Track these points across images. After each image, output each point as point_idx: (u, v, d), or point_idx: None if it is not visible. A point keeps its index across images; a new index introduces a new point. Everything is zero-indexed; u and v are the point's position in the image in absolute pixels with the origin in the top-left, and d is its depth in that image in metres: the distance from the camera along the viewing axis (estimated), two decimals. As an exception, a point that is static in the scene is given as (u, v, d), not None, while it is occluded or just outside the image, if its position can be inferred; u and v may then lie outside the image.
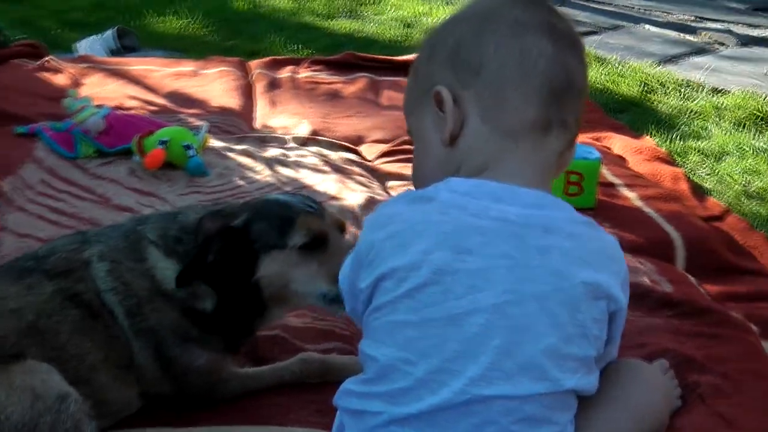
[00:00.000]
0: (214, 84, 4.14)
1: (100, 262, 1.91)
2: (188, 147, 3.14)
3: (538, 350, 1.49)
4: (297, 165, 3.26)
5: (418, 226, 1.55)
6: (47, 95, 3.82)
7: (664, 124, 3.99)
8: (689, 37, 5.44)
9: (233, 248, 1.90)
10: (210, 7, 5.41)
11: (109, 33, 4.56)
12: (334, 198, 2.97)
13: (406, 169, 3.33)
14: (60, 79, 4.06)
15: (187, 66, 4.36)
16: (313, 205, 1.99)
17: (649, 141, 3.73)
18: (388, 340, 1.58)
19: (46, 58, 4.28)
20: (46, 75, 4.11)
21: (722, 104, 4.24)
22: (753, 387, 2.13)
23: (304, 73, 4.32)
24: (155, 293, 1.93)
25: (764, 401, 2.09)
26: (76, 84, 3.98)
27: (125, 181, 3.09)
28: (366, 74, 4.33)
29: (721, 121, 4.04)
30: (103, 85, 4.00)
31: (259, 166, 3.24)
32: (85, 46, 4.47)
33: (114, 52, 4.47)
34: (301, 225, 1.92)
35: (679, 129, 3.94)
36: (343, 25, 5.37)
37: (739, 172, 3.55)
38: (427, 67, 1.65)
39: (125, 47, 4.52)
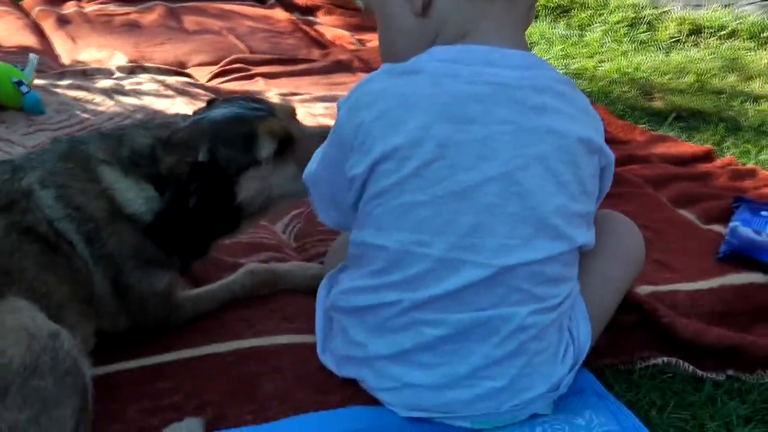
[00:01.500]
0: (-5, 24, 3.79)
1: (43, 189, 1.71)
2: (20, 83, 2.85)
3: (550, 211, 1.50)
4: (137, 93, 3.07)
5: (410, 99, 1.49)
6: None
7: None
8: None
9: (208, 183, 1.76)
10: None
11: None
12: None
13: (247, 86, 3.21)
14: None
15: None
16: (259, 106, 1.86)
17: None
18: (397, 224, 1.53)
19: None
20: None
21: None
22: (671, 233, 2.27)
23: (91, 7, 4.06)
24: (115, 215, 1.75)
25: (683, 243, 2.24)
26: None
27: (-47, 126, 2.77)
28: (159, 2, 4.11)
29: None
30: None
31: (97, 98, 3.02)
32: None
33: None
34: (264, 133, 1.80)
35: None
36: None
37: (554, 58, 3.66)
38: None
39: None
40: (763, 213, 2.25)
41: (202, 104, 2.88)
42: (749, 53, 3.64)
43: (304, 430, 1.61)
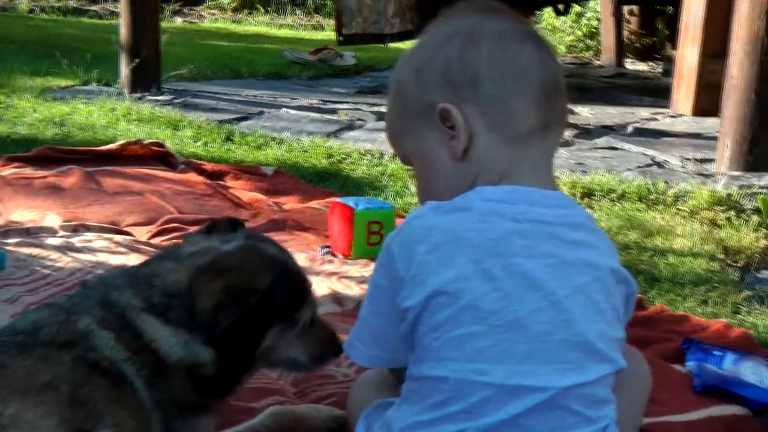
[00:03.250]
0: None
1: (101, 330, 1.72)
2: (-18, 239, 2.85)
3: (594, 336, 1.61)
4: (89, 250, 3.12)
5: (460, 235, 1.61)
6: None
7: (370, 186, 4.25)
8: (335, 117, 5.77)
9: (259, 314, 1.74)
10: None
11: None
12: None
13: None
14: None
15: None
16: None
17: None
18: (455, 355, 1.60)
19: None
20: None
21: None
22: None
23: (6, 171, 4.07)
24: (163, 365, 1.75)
25: (657, 379, 2.24)
26: None
27: None
28: (73, 166, 4.15)
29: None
30: None
31: (53, 254, 3.05)
32: None
33: None
34: (310, 301, 1.85)
35: (387, 190, 4.19)
36: (-11, 128, 5.06)
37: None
38: (416, 90, 1.72)
39: None
40: (715, 352, 2.44)
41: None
42: (641, 213, 3.92)
43: None
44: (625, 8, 8.30)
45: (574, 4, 8.68)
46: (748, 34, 4.29)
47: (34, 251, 3.07)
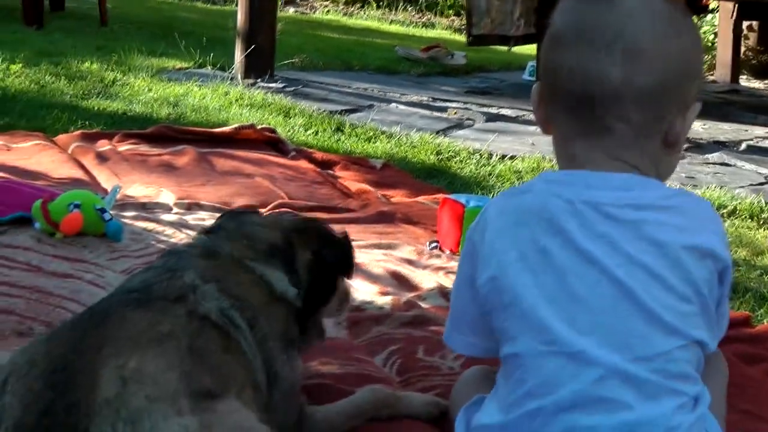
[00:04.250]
0: (39, 157, 3.90)
1: (206, 283, 1.81)
2: (102, 211, 2.93)
3: (660, 309, 1.61)
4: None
5: (521, 217, 1.69)
6: None
7: (478, 186, 4.24)
8: (444, 115, 5.77)
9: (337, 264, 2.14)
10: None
11: None
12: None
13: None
14: None
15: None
16: None
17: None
18: (523, 330, 1.65)
19: None
20: None
21: (518, 167, 4.57)
22: (750, 386, 2.35)
23: (123, 146, 4.16)
24: (270, 299, 1.92)
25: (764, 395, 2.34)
26: None
27: (39, 249, 2.85)
28: (187, 146, 4.22)
29: (524, 180, 4.33)
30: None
31: (167, 230, 3.13)
32: None
33: None
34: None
35: (494, 190, 4.18)
36: (106, 104, 5.17)
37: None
38: None
39: None
40: None
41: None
42: (751, 231, 3.85)
43: None
44: (745, 23, 8.13)
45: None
46: None
47: (150, 226, 3.15)
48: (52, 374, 1.46)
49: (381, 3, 11.24)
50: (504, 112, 5.98)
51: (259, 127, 4.60)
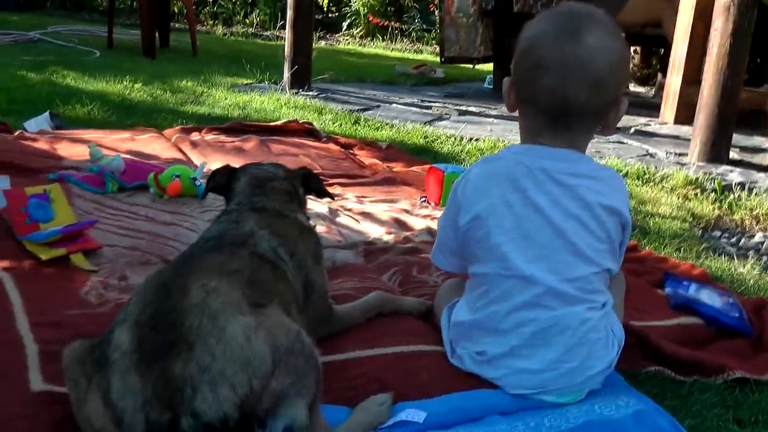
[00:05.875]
0: (153, 145, 3.83)
1: (261, 230, 1.79)
2: (194, 179, 2.90)
3: (584, 246, 1.65)
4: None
5: (492, 177, 1.69)
6: (44, 155, 3.37)
7: (453, 158, 4.20)
8: (429, 111, 5.70)
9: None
10: (102, 98, 4.91)
11: (45, 114, 4.03)
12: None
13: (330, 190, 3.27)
14: (41, 145, 3.55)
15: (123, 134, 3.97)
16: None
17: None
18: (491, 257, 1.67)
19: (18, 132, 3.74)
20: (29, 143, 3.56)
21: (480, 147, 4.51)
22: (636, 291, 2.33)
23: (209, 136, 4.11)
24: (302, 231, 1.92)
25: (645, 297, 2.34)
26: (53, 148, 3.50)
27: (153, 206, 2.83)
28: (252, 135, 4.18)
29: (483, 155, 4.24)
30: (72, 149, 3.53)
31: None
32: (33, 124, 3.90)
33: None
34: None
35: (465, 161, 4.13)
36: (197, 109, 5.12)
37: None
38: None
39: (56, 126, 3.99)
40: (684, 283, 2.46)
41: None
42: (638, 187, 3.87)
43: (453, 402, 1.68)
44: (632, 48, 8.06)
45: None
46: (715, 69, 4.23)
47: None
48: (159, 290, 1.45)
49: (385, 36, 11.10)
50: (471, 109, 5.89)
51: (301, 121, 4.55)
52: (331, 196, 2.26)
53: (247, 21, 11.45)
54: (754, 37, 4.26)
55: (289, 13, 6.03)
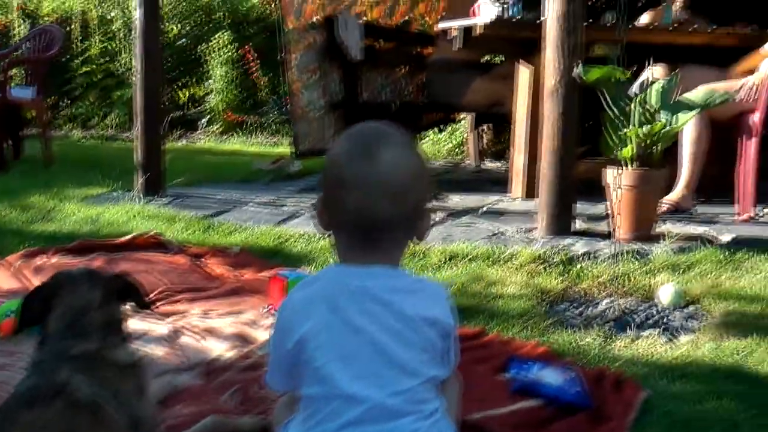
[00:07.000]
0: (-9, 277, 3.71)
1: (77, 375, 1.76)
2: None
3: (406, 360, 1.68)
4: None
5: (312, 299, 1.72)
6: None
7: (305, 258, 4.30)
8: (284, 208, 5.80)
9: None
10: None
11: None
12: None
13: (176, 306, 3.30)
14: None
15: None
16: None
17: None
18: (316, 379, 1.69)
19: None
20: None
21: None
22: (473, 380, 2.38)
23: (54, 259, 4.06)
24: (121, 369, 1.88)
25: (480, 384, 2.32)
26: None
27: (-14, 347, 2.73)
28: (99, 254, 4.15)
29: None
30: None
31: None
32: None
33: None
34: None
35: (317, 261, 4.24)
36: (46, 227, 5.02)
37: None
38: None
39: None
40: (527, 364, 2.62)
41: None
42: (487, 269, 4.04)
43: None
44: (483, 126, 8.49)
45: (451, 125, 8.96)
46: (550, 147, 4.55)
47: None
48: None
49: (243, 131, 11.23)
50: (323, 203, 6.03)
51: (150, 233, 4.56)
52: (149, 307, 2.24)
53: (105, 123, 11.33)
54: (597, 111, 4.57)
55: (137, 120, 6.04)
